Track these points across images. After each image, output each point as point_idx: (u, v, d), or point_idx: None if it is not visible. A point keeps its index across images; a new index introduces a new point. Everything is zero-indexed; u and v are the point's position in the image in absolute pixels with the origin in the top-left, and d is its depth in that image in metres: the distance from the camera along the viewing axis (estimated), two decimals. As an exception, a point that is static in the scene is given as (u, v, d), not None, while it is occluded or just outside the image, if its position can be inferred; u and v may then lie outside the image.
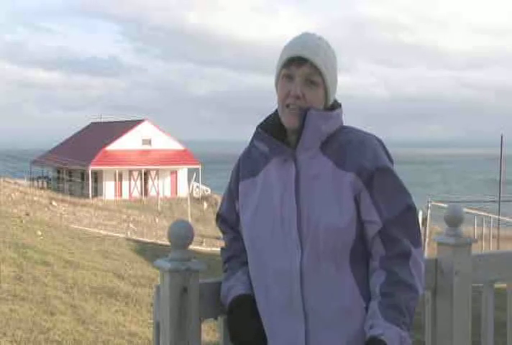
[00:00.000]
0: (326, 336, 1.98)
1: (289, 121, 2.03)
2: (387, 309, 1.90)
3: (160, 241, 18.51)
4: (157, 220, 31.54)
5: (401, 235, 1.96)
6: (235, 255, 2.20)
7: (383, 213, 1.96)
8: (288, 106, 2.02)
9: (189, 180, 39.52)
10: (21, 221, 16.59)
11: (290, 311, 2.00)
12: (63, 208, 29.27)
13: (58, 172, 51.56)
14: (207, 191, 50.06)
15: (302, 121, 2.00)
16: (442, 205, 19.13)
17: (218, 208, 2.32)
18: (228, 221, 2.25)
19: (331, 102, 2.08)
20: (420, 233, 2.02)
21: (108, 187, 48.19)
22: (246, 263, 2.14)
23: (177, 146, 51.84)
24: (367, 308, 1.97)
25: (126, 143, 49.64)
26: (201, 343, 2.17)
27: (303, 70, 2.01)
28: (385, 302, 1.91)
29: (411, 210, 1.99)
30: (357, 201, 1.98)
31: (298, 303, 1.99)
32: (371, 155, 2.00)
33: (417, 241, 1.99)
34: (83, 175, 48.89)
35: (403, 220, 1.97)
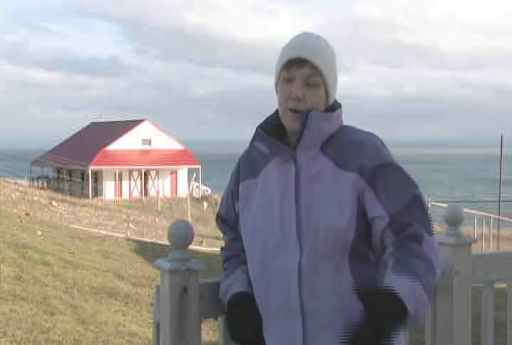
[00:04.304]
0: (323, 336, 1.98)
1: (290, 124, 2.02)
2: (399, 271, 1.83)
3: (160, 241, 18.51)
4: (157, 220, 31.55)
5: (411, 221, 1.91)
6: (235, 255, 2.20)
7: (389, 206, 1.93)
8: (289, 109, 2.01)
9: (189, 180, 39.53)
10: (21, 221, 16.61)
11: (287, 311, 2.00)
12: (63, 208, 29.29)
13: (58, 172, 51.57)
14: (207, 191, 50.07)
15: (303, 123, 2.00)
16: (442, 205, 19.15)
17: (217, 209, 2.33)
18: (227, 221, 2.25)
19: (331, 102, 2.08)
20: (431, 222, 1.96)
21: (108, 187, 48.20)
22: (245, 262, 2.14)
23: (177, 146, 51.85)
24: None
25: (126, 143, 49.65)
26: (201, 343, 2.18)
27: (303, 71, 2.00)
28: (396, 267, 1.84)
29: (419, 200, 1.96)
30: (360, 201, 1.96)
31: (295, 303, 1.99)
32: (372, 153, 1.99)
33: (429, 230, 1.94)
34: (83, 175, 48.91)
35: (410, 210, 1.93)
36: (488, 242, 19.90)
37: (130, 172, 49.11)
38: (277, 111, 2.10)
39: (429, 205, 19.30)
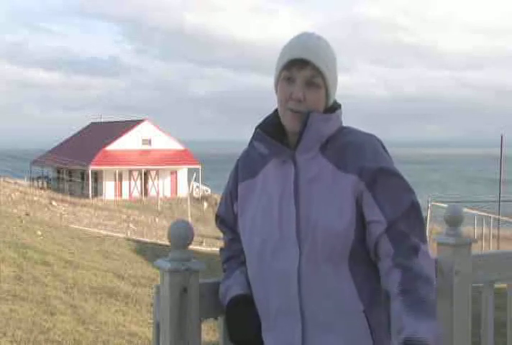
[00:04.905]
0: (322, 337, 1.98)
1: (291, 124, 2.02)
2: (412, 305, 1.84)
3: (160, 241, 18.51)
4: (157, 220, 31.54)
5: (408, 231, 1.93)
6: (234, 255, 2.20)
7: (387, 212, 1.93)
8: (290, 109, 2.01)
9: (189, 180, 39.52)
10: (21, 221, 16.60)
11: (287, 312, 2.00)
12: (63, 208, 29.28)
13: (58, 172, 51.58)
14: (207, 191, 50.08)
15: (303, 124, 1.99)
16: (442, 205, 19.14)
17: (217, 209, 2.32)
18: (227, 221, 2.24)
19: (331, 102, 2.07)
20: (425, 231, 1.99)
21: (108, 187, 48.20)
22: (244, 263, 2.14)
23: (177, 146, 51.86)
24: (365, 312, 1.96)
25: (126, 143, 49.65)
26: (201, 343, 2.18)
27: (304, 72, 1.99)
28: (408, 299, 1.85)
29: (416, 207, 1.97)
30: (358, 203, 1.96)
31: (295, 304, 1.98)
32: (372, 156, 1.98)
33: (424, 238, 1.96)
34: (83, 175, 48.91)
35: (408, 217, 1.94)
36: (488, 242, 19.90)
37: (130, 172, 49.11)
38: (276, 111, 2.09)
39: (429, 205, 19.30)
